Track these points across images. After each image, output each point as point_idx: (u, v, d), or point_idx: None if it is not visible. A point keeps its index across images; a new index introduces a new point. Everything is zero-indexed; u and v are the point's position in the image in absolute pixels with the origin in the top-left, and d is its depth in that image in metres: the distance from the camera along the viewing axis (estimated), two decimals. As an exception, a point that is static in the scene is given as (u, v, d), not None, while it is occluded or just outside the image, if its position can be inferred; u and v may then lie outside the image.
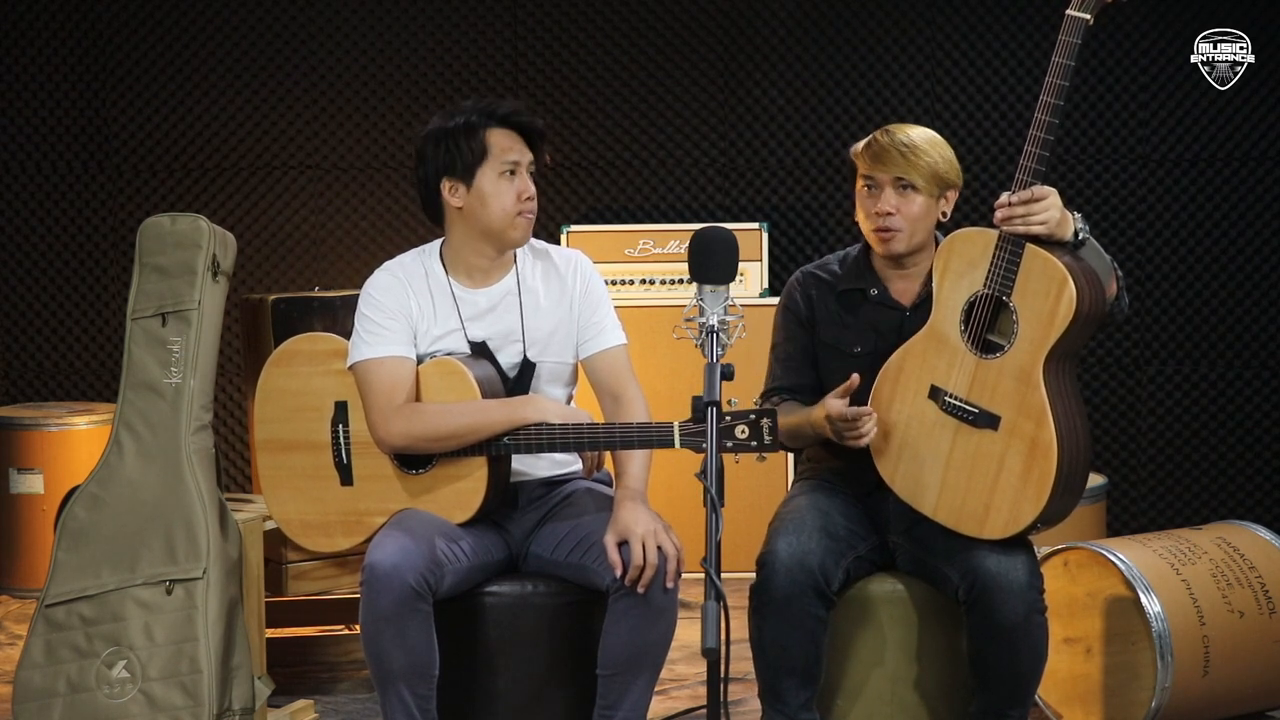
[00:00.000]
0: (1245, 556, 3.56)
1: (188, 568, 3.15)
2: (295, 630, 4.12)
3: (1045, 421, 2.83)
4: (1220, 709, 3.51)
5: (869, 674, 3.09)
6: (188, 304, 3.26)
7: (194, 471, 3.22)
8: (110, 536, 3.20)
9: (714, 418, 2.52)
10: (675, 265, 5.06)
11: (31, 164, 5.51)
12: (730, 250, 2.66)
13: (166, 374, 3.26)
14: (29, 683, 3.17)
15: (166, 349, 3.26)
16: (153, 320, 3.28)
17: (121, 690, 3.14)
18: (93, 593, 3.17)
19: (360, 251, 5.46)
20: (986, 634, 2.89)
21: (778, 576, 2.91)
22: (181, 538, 3.18)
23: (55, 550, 3.22)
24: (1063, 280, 2.81)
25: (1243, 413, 5.38)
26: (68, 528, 3.23)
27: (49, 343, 5.55)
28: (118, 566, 3.18)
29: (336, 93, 5.47)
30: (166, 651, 3.13)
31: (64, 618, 3.17)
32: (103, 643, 3.15)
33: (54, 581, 3.20)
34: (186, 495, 3.20)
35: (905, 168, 3.03)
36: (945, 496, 2.93)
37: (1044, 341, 2.84)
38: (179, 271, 3.28)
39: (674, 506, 4.72)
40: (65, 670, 3.16)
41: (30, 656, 3.18)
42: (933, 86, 5.40)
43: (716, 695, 2.44)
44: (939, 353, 2.95)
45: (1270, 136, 5.32)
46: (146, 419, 3.25)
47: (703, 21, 5.44)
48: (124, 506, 3.21)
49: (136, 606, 3.15)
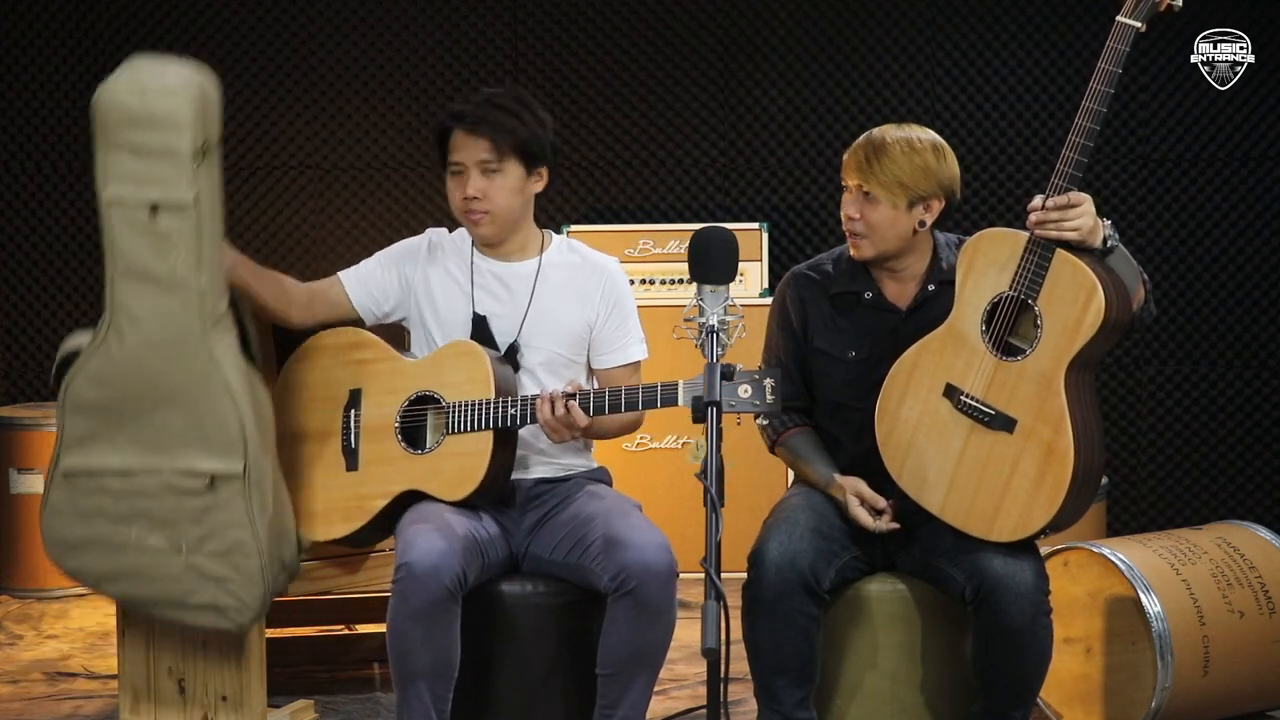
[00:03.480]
0: (1245, 556, 3.56)
1: (226, 464, 2.97)
2: (295, 630, 4.12)
3: (1064, 428, 2.82)
4: (1220, 709, 3.51)
5: (869, 674, 3.09)
6: (180, 197, 2.91)
7: (220, 367, 2.97)
8: (128, 414, 2.99)
9: (714, 418, 2.52)
10: (675, 265, 5.06)
11: (31, 164, 5.51)
12: (730, 250, 2.66)
13: (165, 265, 2.94)
14: (57, 532, 3.00)
15: (164, 241, 2.94)
16: (136, 210, 2.94)
17: (166, 559, 3.01)
18: (120, 468, 3.00)
19: (360, 251, 5.44)
20: (993, 636, 2.89)
21: (767, 575, 2.92)
22: (215, 432, 2.97)
23: (60, 418, 2.98)
24: (1092, 288, 2.79)
25: (1243, 413, 5.38)
26: (73, 401, 2.99)
27: (49, 343, 5.55)
28: (148, 447, 2.99)
29: (336, 93, 5.47)
30: (212, 532, 2.99)
31: (88, 484, 3.01)
32: (136, 515, 3.01)
33: (69, 451, 2.98)
34: (215, 391, 2.97)
35: (863, 176, 3.04)
36: (953, 495, 2.92)
37: (1069, 348, 2.82)
38: (160, 154, 2.90)
39: (674, 506, 4.73)
40: (96, 527, 3.01)
41: (54, 506, 3.00)
42: (933, 86, 5.40)
43: (716, 695, 2.44)
44: (957, 352, 2.94)
45: (1270, 136, 5.32)
46: (147, 307, 2.98)
47: (703, 21, 5.45)
48: (138, 389, 2.98)
49: (174, 495, 2.99)
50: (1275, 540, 3.63)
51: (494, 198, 3.07)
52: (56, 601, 4.95)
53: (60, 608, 4.87)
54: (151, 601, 3.08)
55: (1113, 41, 2.80)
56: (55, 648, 4.42)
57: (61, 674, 4.14)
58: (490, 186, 3.07)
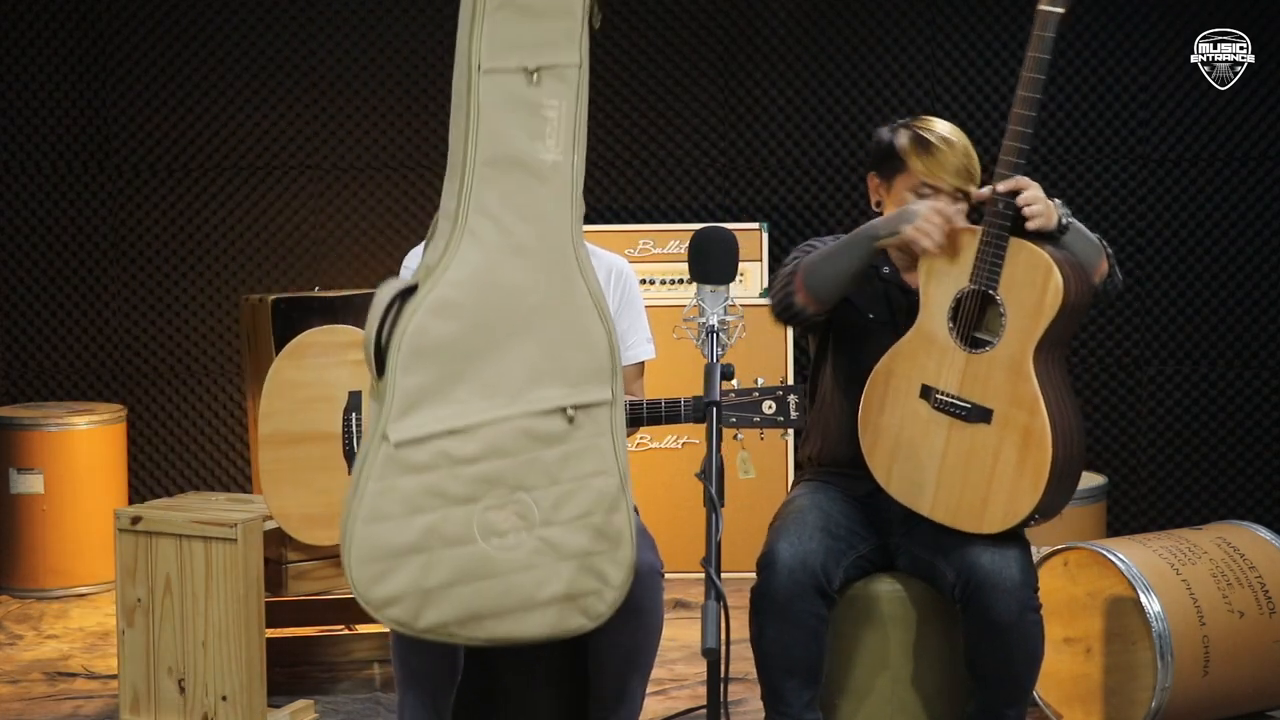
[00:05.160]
0: (1245, 556, 3.56)
1: (592, 390, 2.55)
2: (295, 630, 4.12)
3: (1038, 410, 2.84)
4: (1220, 709, 3.51)
5: (869, 674, 3.09)
6: (566, 59, 2.53)
7: (584, 271, 2.57)
8: (474, 352, 2.50)
9: (714, 418, 2.52)
10: (675, 265, 5.06)
11: (31, 164, 5.51)
12: (730, 250, 2.66)
13: (539, 146, 2.53)
14: (377, 539, 2.46)
15: (539, 115, 2.53)
16: (513, 76, 2.53)
17: (515, 540, 2.53)
18: (461, 425, 2.49)
19: (360, 251, 5.46)
20: (981, 632, 2.89)
21: (779, 578, 2.91)
22: (577, 353, 2.55)
23: (392, 374, 2.46)
24: (1048, 269, 2.82)
25: (1243, 413, 5.38)
26: (413, 344, 2.47)
27: (49, 343, 5.55)
28: (492, 391, 2.51)
29: (336, 93, 5.47)
30: (571, 490, 2.55)
31: (424, 458, 2.47)
32: (482, 485, 2.51)
33: (398, 414, 2.46)
34: (580, 301, 2.55)
35: (966, 179, 3.03)
36: (941, 494, 2.93)
37: (1033, 332, 2.85)
38: (552, 13, 2.53)
39: (674, 506, 4.74)
40: (430, 521, 2.49)
41: (372, 507, 2.47)
42: (933, 86, 5.40)
43: (716, 695, 2.43)
44: (928, 353, 2.96)
45: (1270, 136, 5.32)
46: (515, 204, 2.52)
47: (703, 21, 5.44)
48: (493, 315, 2.51)
49: (528, 440, 2.52)
50: (1275, 540, 3.63)
51: None
52: (56, 601, 4.95)
53: (60, 608, 4.87)
54: (491, 613, 2.53)
55: (1037, 29, 2.85)
56: (55, 648, 4.42)
57: (61, 674, 4.14)
58: None
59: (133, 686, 3.59)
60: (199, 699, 3.51)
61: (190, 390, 5.54)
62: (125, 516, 3.57)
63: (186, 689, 3.52)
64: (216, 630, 3.48)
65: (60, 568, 5.00)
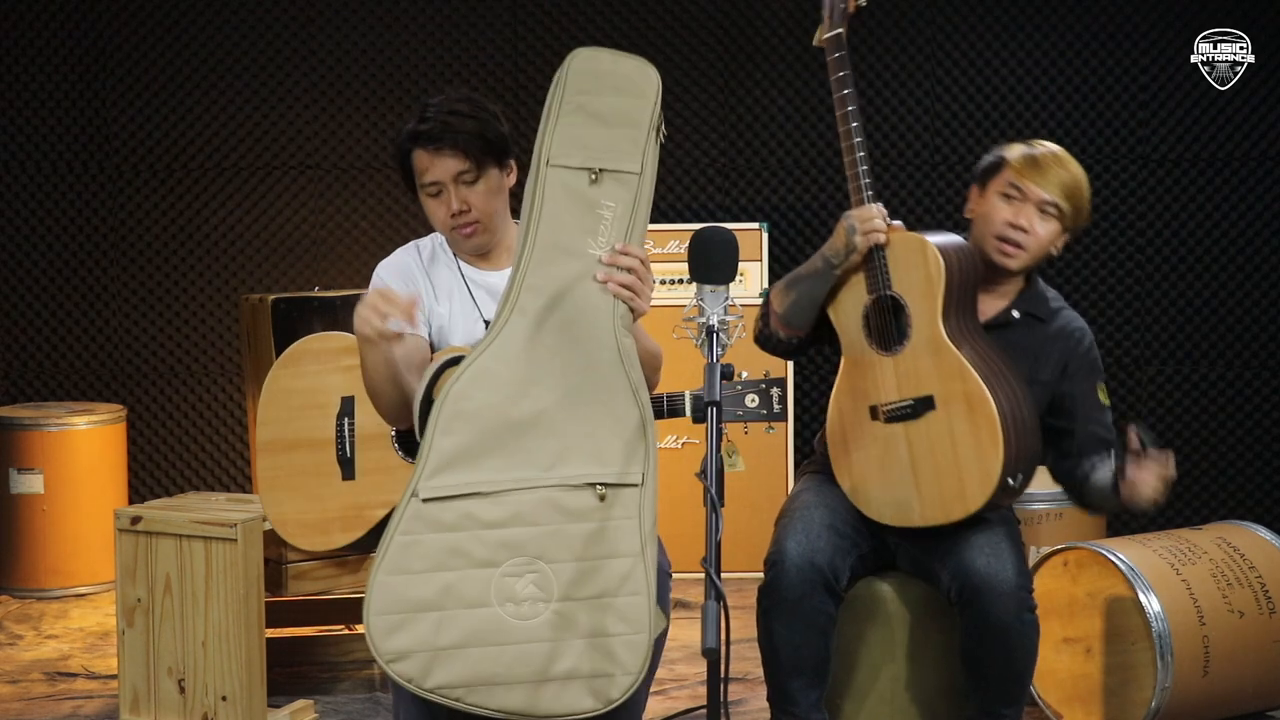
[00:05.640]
0: (1245, 556, 3.56)
1: (623, 470, 2.58)
2: (295, 630, 4.12)
3: (967, 373, 2.89)
4: (1220, 709, 3.51)
5: (870, 674, 3.09)
6: (629, 167, 2.66)
7: (626, 361, 2.63)
8: (511, 423, 2.58)
9: (714, 419, 2.52)
10: (675, 265, 5.06)
11: (31, 164, 5.51)
12: (730, 250, 2.65)
13: (590, 242, 2.65)
14: (396, 591, 2.50)
15: (595, 213, 2.66)
16: (578, 174, 2.66)
17: (531, 610, 2.53)
18: (489, 490, 2.55)
19: (360, 251, 5.46)
20: (978, 634, 2.89)
21: (788, 576, 2.91)
22: (611, 434, 2.59)
23: (430, 433, 2.56)
24: (921, 244, 2.93)
25: (1243, 413, 5.38)
26: (454, 408, 2.57)
27: (49, 343, 5.55)
28: (525, 462, 2.57)
29: (336, 93, 5.47)
30: (593, 567, 2.55)
31: (451, 517, 2.53)
32: (504, 550, 2.53)
33: (431, 472, 2.54)
34: (619, 389, 2.62)
35: (1063, 195, 3.02)
36: (924, 498, 2.95)
37: (934, 306, 2.92)
38: (619, 122, 2.65)
39: (674, 506, 4.73)
40: (450, 580, 2.52)
41: (395, 559, 2.51)
42: (933, 86, 5.40)
43: (716, 695, 2.43)
44: (863, 376, 3.00)
45: (1270, 136, 5.32)
46: (559, 291, 2.63)
47: (703, 21, 5.45)
48: (530, 389, 2.59)
49: (555, 512, 2.55)
50: (1275, 540, 3.63)
51: (479, 205, 2.94)
52: (56, 601, 4.95)
53: (60, 608, 4.87)
54: (501, 680, 2.52)
55: (828, 56, 2.99)
56: (55, 648, 4.42)
57: (61, 674, 4.14)
58: (472, 195, 2.94)
59: (133, 686, 3.59)
60: (199, 699, 3.51)
61: (190, 390, 5.54)
62: (125, 516, 3.57)
63: (186, 689, 3.52)
64: (216, 630, 3.48)
65: (60, 568, 5.00)
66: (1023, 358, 3.03)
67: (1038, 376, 3.05)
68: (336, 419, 3.11)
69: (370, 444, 3.09)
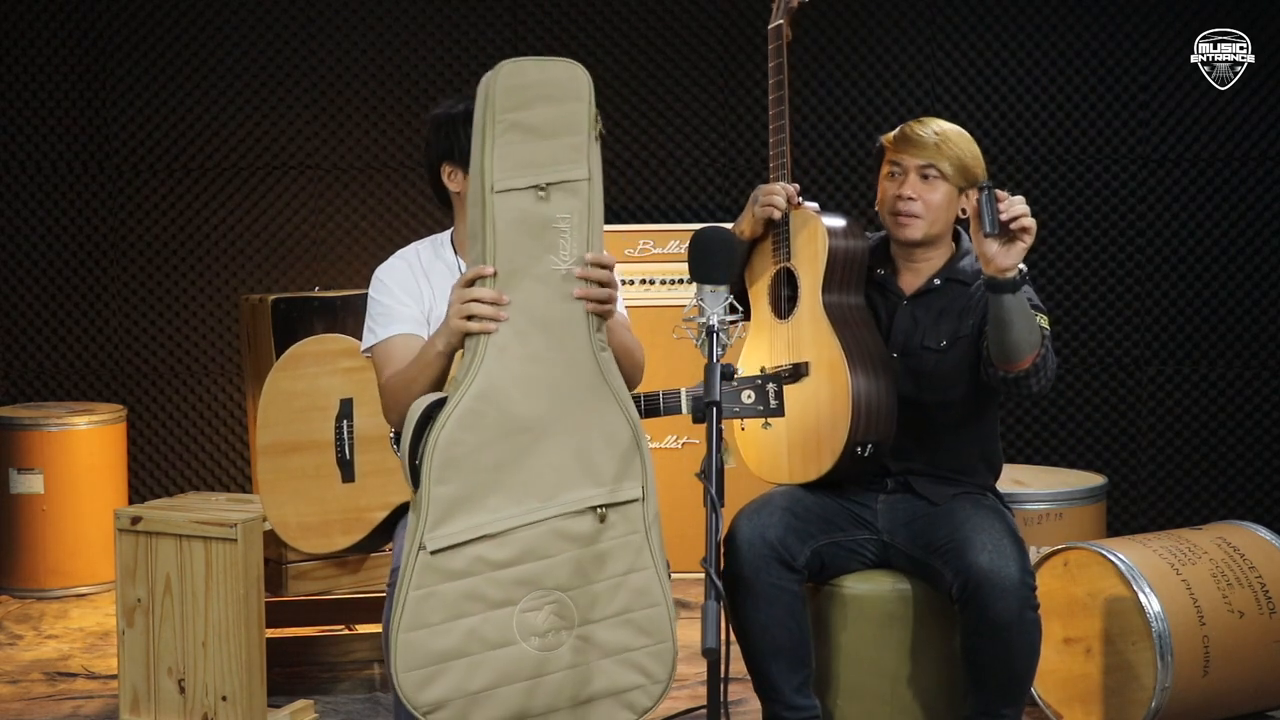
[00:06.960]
0: (1245, 556, 3.56)
1: (621, 488, 2.60)
2: (295, 630, 4.12)
3: (834, 343, 3.04)
4: (1220, 709, 3.51)
5: (869, 674, 3.09)
6: (576, 174, 2.61)
7: (606, 373, 2.62)
8: (502, 460, 2.56)
9: (714, 419, 2.52)
10: (675, 265, 5.06)
11: (31, 164, 5.51)
12: (730, 250, 2.66)
13: (553, 259, 2.60)
14: (419, 646, 2.51)
15: (552, 229, 2.61)
16: (524, 194, 2.60)
17: (556, 640, 2.56)
18: (495, 530, 2.55)
19: (360, 251, 5.46)
20: (980, 632, 2.89)
21: (740, 551, 2.98)
22: (604, 452, 2.60)
23: (425, 484, 2.54)
24: (815, 222, 3.11)
25: (1243, 413, 5.38)
26: (444, 456, 2.54)
27: (49, 343, 5.55)
28: (523, 496, 2.56)
29: (336, 93, 5.47)
30: (608, 587, 2.58)
31: (461, 564, 2.53)
32: (519, 588, 2.55)
33: (434, 523, 2.53)
34: (604, 403, 2.61)
35: (934, 154, 3.08)
36: (793, 456, 3.10)
37: (816, 277, 3.08)
38: (558, 131, 2.60)
39: (674, 506, 4.72)
40: (471, 625, 2.53)
41: (413, 614, 2.51)
42: (933, 86, 5.40)
43: (716, 695, 2.43)
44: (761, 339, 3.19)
45: (1270, 136, 5.32)
46: (531, 314, 2.59)
47: (703, 21, 5.45)
48: (516, 422, 2.57)
49: (561, 541, 2.57)
50: (1275, 540, 3.63)
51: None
52: (56, 601, 4.95)
53: (60, 608, 4.87)
54: (539, 712, 2.57)
55: (769, 45, 3.21)
56: (55, 648, 4.42)
57: (61, 674, 4.14)
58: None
59: (133, 686, 3.59)
60: (199, 699, 3.51)
61: (190, 390, 5.54)
62: (125, 516, 3.57)
63: (186, 689, 3.52)
64: (216, 630, 3.48)
65: (60, 568, 5.00)
66: (947, 320, 3.10)
67: (962, 332, 3.09)
68: (335, 421, 3.11)
69: (369, 446, 3.09)
